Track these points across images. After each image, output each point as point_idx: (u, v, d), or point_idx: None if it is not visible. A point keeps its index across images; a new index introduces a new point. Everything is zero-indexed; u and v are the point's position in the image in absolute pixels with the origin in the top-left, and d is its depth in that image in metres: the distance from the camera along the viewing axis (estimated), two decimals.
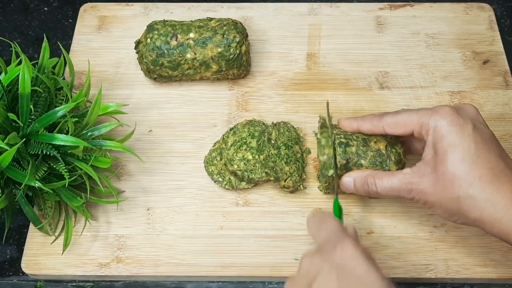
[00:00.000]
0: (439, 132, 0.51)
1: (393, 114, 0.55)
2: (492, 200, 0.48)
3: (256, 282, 0.59)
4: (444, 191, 0.50)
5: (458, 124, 0.50)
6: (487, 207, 0.48)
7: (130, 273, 0.58)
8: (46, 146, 0.54)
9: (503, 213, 0.47)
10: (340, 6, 0.76)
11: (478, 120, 0.53)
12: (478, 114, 0.53)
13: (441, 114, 0.51)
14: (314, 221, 0.52)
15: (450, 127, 0.51)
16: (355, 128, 0.57)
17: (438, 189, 0.51)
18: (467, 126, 0.50)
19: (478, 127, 0.51)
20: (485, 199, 0.48)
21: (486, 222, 0.49)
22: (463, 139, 0.50)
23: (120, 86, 0.70)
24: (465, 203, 0.49)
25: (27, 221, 0.60)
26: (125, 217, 0.61)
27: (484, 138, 0.50)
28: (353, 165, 0.56)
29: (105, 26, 0.75)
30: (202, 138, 0.66)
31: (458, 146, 0.50)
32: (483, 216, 0.49)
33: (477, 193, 0.48)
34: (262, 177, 0.60)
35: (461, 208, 0.50)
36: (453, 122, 0.51)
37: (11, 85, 0.57)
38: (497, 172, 0.49)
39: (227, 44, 0.65)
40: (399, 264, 0.58)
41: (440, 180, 0.50)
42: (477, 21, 0.75)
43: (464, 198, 0.49)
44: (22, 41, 0.76)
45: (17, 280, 0.60)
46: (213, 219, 0.61)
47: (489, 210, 0.48)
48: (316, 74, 0.71)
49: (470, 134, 0.50)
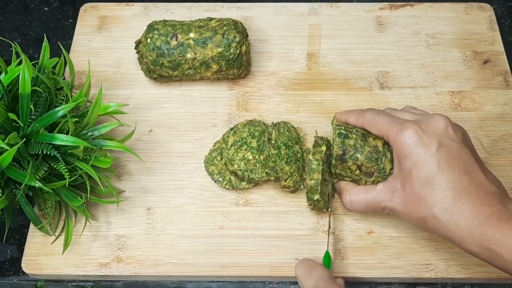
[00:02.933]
0: (403, 151, 0.52)
1: (375, 114, 0.56)
2: (454, 221, 0.48)
3: (256, 282, 0.59)
4: (412, 210, 0.52)
5: (421, 145, 0.51)
6: (451, 227, 0.49)
7: (130, 273, 0.58)
8: (46, 146, 0.54)
9: (466, 233, 0.48)
10: (340, 6, 0.76)
11: (446, 135, 0.52)
12: (448, 127, 0.52)
13: (407, 133, 0.52)
14: (303, 267, 0.53)
15: (413, 148, 0.51)
16: (344, 119, 0.59)
17: (406, 208, 0.52)
18: (431, 147, 0.50)
19: (444, 144, 0.51)
20: (448, 219, 0.49)
21: (453, 241, 0.50)
22: (426, 161, 0.50)
23: (120, 86, 0.70)
24: (431, 223, 0.50)
25: (27, 221, 0.60)
26: (125, 217, 0.61)
27: (450, 156, 0.50)
28: (349, 157, 0.56)
29: (106, 26, 0.75)
30: (202, 138, 0.66)
31: (421, 167, 0.50)
32: (449, 235, 0.50)
33: (440, 214, 0.49)
34: (263, 177, 0.60)
35: (429, 227, 0.51)
36: (416, 142, 0.51)
37: (12, 85, 0.57)
38: (459, 192, 0.49)
39: (227, 44, 0.65)
40: (399, 264, 0.58)
41: (407, 199, 0.52)
42: (478, 21, 0.75)
43: (429, 218, 0.50)
44: (22, 41, 0.77)
45: (17, 280, 0.60)
46: (213, 219, 0.61)
47: (453, 229, 0.49)
48: (316, 74, 0.71)
49: (434, 155, 0.50)
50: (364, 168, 0.57)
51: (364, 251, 0.59)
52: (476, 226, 0.47)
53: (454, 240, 0.49)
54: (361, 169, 0.57)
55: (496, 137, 0.65)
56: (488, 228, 0.47)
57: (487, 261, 0.48)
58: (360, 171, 0.57)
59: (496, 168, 0.62)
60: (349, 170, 0.57)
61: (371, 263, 0.58)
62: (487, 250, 0.47)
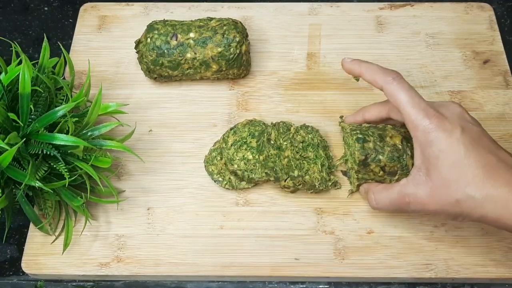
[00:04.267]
0: (427, 138, 0.51)
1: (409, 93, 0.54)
2: (490, 197, 0.48)
3: (256, 282, 0.59)
4: (442, 197, 0.51)
5: (445, 130, 0.51)
6: (487, 204, 0.48)
7: (130, 272, 0.58)
8: (46, 146, 0.54)
9: (504, 209, 0.48)
10: (340, 6, 0.76)
11: (465, 119, 0.53)
12: (464, 112, 0.53)
13: (430, 119, 0.51)
14: None
15: (438, 133, 0.51)
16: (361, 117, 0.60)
17: (435, 197, 0.51)
18: (455, 131, 0.51)
19: (466, 128, 0.51)
20: (483, 197, 0.48)
21: (489, 219, 0.49)
22: (452, 145, 0.50)
23: (120, 86, 0.70)
24: (466, 204, 0.49)
25: (27, 221, 0.60)
26: (125, 217, 0.61)
27: (473, 138, 0.51)
28: (371, 161, 0.56)
29: (105, 26, 0.75)
30: (202, 138, 0.66)
31: (448, 152, 0.50)
32: (485, 214, 0.49)
33: (474, 192, 0.49)
34: (262, 177, 0.60)
35: (463, 211, 0.50)
36: (440, 128, 0.51)
37: (11, 85, 0.57)
38: (490, 169, 0.49)
39: (227, 44, 0.65)
40: (399, 264, 0.58)
41: (435, 187, 0.51)
42: (477, 21, 0.75)
43: (463, 200, 0.49)
44: (22, 41, 0.77)
45: (17, 280, 0.60)
46: (213, 219, 0.61)
47: (489, 206, 0.48)
48: (316, 74, 0.71)
49: (459, 138, 0.50)
50: (388, 169, 0.57)
51: (364, 251, 0.59)
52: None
53: (491, 219, 0.49)
54: (385, 169, 0.57)
55: (496, 137, 0.65)
56: None
57: None
58: (384, 172, 0.57)
59: None
60: (372, 173, 0.57)
61: (371, 263, 0.58)
62: None
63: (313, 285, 0.59)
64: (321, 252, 0.58)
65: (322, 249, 0.59)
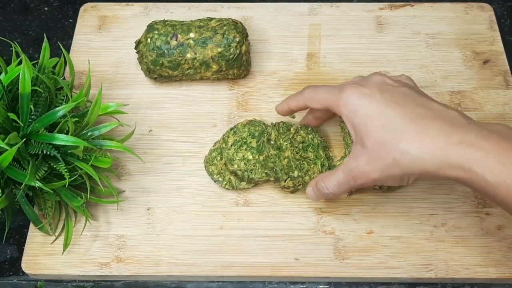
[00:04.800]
0: (351, 109, 0.51)
1: (313, 89, 0.57)
2: (427, 148, 0.47)
3: (256, 282, 0.59)
4: (380, 160, 0.50)
5: (364, 95, 0.51)
6: (425, 156, 0.47)
7: (130, 273, 0.58)
8: (46, 146, 0.54)
9: (442, 158, 0.46)
10: (340, 6, 0.76)
11: (385, 83, 0.52)
12: (386, 78, 0.53)
13: (347, 92, 0.52)
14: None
15: (359, 101, 0.51)
16: (287, 109, 0.60)
17: (374, 162, 0.50)
18: (375, 94, 0.51)
19: (386, 90, 0.51)
20: (420, 149, 0.47)
21: (431, 171, 0.47)
22: (375, 107, 0.50)
23: (120, 86, 0.70)
24: (403, 162, 0.48)
25: (27, 221, 0.60)
26: (125, 217, 0.61)
27: (395, 97, 0.50)
28: None
29: (105, 26, 0.75)
30: (202, 138, 0.66)
31: (373, 115, 0.50)
32: (425, 168, 0.47)
33: (408, 147, 0.48)
34: (262, 177, 0.60)
35: (403, 169, 0.49)
36: (359, 95, 0.51)
37: (11, 85, 0.57)
38: (419, 121, 0.48)
39: (227, 44, 0.65)
40: (399, 264, 0.58)
41: (371, 153, 0.50)
42: (477, 21, 0.75)
43: (399, 157, 0.48)
44: (22, 41, 0.77)
45: (17, 280, 0.60)
46: (213, 219, 0.61)
47: (427, 157, 0.47)
48: (316, 74, 0.71)
49: (379, 100, 0.50)
50: None
51: (364, 251, 0.59)
52: (452, 147, 0.46)
53: (432, 170, 0.47)
54: None
55: None
56: (467, 147, 0.45)
57: (467, 184, 0.46)
58: None
59: None
60: None
61: (371, 263, 0.58)
62: (469, 172, 0.45)
63: (313, 285, 0.59)
64: (321, 252, 0.58)
65: (322, 249, 0.59)
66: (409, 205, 0.61)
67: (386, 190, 0.61)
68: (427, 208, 0.61)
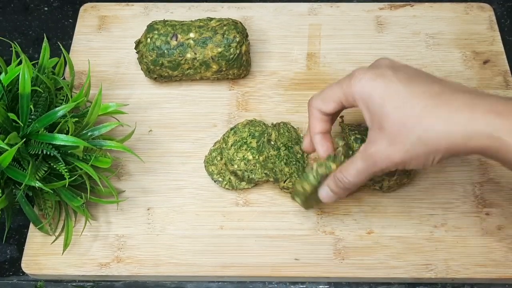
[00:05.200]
0: (365, 92, 0.49)
1: (318, 94, 0.54)
2: (452, 120, 0.45)
3: (256, 282, 0.59)
4: (403, 140, 0.47)
5: (377, 77, 0.49)
6: (451, 128, 0.45)
7: (130, 273, 0.58)
8: (46, 146, 0.54)
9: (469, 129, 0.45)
10: (340, 6, 0.76)
11: (395, 65, 0.51)
12: (393, 61, 0.52)
13: (358, 76, 0.50)
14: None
15: (371, 82, 0.49)
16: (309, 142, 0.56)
17: (397, 143, 0.47)
18: (387, 73, 0.49)
19: (398, 69, 0.50)
20: (445, 122, 0.46)
21: (459, 144, 0.46)
22: (389, 86, 0.48)
23: (120, 86, 0.70)
24: (430, 137, 0.46)
25: (27, 221, 0.60)
26: (125, 217, 0.61)
27: (408, 74, 0.49)
28: None
29: (105, 26, 0.75)
30: (202, 138, 0.66)
31: (389, 95, 0.48)
32: (452, 142, 0.46)
33: (433, 122, 0.46)
34: (262, 177, 0.60)
35: (430, 146, 0.47)
36: (372, 77, 0.49)
37: (11, 85, 0.57)
38: (439, 96, 0.46)
39: (227, 44, 0.65)
40: (399, 264, 0.58)
41: (393, 134, 0.48)
42: (477, 21, 0.75)
43: (424, 133, 0.46)
44: (22, 41, 0.77)
45: (17, 280, 0.60)
46: (213, 219, 0.61)
47: (454, 130, 0.45)
48: (316, 74, 0.71)
49: (392, 79, 0.48)
50: None
51: (364, 251, 0.59)
52: (480, 116, 0.44)
53: (460, 143, 0.45)
54: None
55: None
56: (495, 116, 0.44)
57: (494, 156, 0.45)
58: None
59: (495, 168, 0.62)
60: None
61: (371, 263, 0.58)
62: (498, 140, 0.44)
63: (313, 285, 0.59)
64: (321, 252, 0.58)
65: (322, 249, 0.59)
66: (409, 205, 0.61)
67: (386, 190, 0.61)
68: (427, 208, 0.61)
